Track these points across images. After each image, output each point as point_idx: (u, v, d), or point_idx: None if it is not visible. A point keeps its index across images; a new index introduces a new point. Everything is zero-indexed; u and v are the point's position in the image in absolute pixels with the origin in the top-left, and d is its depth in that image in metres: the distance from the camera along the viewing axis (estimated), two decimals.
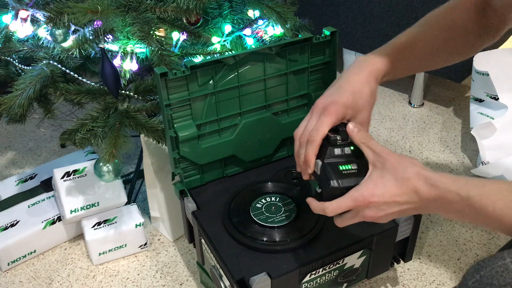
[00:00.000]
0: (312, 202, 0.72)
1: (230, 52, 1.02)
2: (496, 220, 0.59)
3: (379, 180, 0.66)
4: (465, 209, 0.61)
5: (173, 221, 1.17)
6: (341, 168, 0.69)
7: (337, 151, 0.70)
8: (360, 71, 0.77)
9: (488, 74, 1.37)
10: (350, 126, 0.71)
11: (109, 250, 1.14)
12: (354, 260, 0.89)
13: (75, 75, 1.00)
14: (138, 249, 1.17)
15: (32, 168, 1.39)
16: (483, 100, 1.42)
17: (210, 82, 0.92)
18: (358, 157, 0.70)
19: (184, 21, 0.99)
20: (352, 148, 0.71)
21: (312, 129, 0.72)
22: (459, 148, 1.50)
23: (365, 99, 0.76)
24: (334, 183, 0.68)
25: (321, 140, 0.71)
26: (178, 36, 0.97)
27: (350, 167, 0.69)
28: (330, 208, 0.69)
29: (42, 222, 1.14)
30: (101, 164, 0.96)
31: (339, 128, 0.73)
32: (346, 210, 0.69)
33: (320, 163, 0.71)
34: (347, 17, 1.68)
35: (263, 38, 1.07)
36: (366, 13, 1.62)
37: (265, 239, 0.86)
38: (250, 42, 1.04)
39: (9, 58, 1.06)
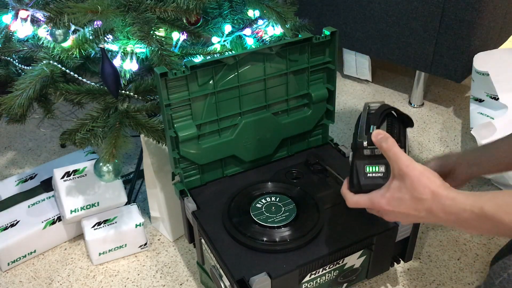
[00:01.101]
0: (344, 185, 0.76)
1: (230, 52, 1.02)
2: None
3: (396, 192, 0.67)
4: (482, 223, 0.61)
5: (173, 221, 1.17)
6: (367, 169, 0.71)
7: (367, 151, 0.72)
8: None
9: (488, 74, 1.37)
10: (375, 133, 0.70)
11: (109, 250, 1.14)
12: (354, 260, 0.89)
13: (75, 75, 1.00)
14: (138, 249, 1.17)
15: (32, 168, 1.39)
16: (483, 100, 1.42)
17: (210, 82, 0.92)
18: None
19: (184, 21, 0.99)
20: None
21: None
22: (459, 148, 1.50)
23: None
24: (355, 184, 0.72)
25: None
26: (178, 36, 0.97)
27: (376, 169, 0.71)
28: (350, 201, 0.73)
29: (42, 222, 1.14)
30: (101, 164, 0.96)
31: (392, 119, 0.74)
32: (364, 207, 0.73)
33: (351, 158, 0.74)
34: (347, 17, 1.68)
35: (263, 38, 1.07)
36: (366, 13, 1.62)
37: (265, 239, 0.86)
38: (250, 42, 1.05)
39: (9, 58, 1.06)
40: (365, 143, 0.71)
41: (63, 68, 0.99)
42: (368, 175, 0.71)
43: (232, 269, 0.81)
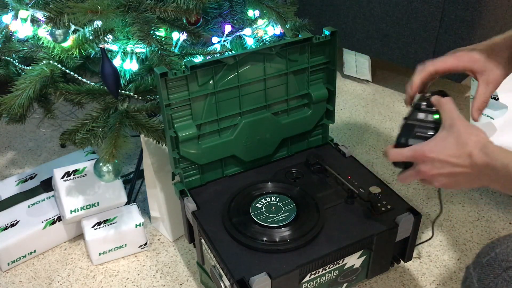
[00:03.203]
0: (389, 146, 0.77)
1: (230, 52, 1.02)
2: None
3: (442, 140, 0.70)
4: (505, 177, 0.63)
5: (173, 221, 1.17)
6: (416, 130, 0.75)
7: (421, 115, 0.75)
8: (506, 36, 0.78)
9: None
10: (435, 96, 0.74)
11: (109, 250, 1.14)
12: (354, 260, 0.89)
13: (75, 75, 1.00)
14: (138, 249, 1.17)
15: (32, 168, 1.39)
16: None
17: (210, 82, 0.92)
18: (438, 125, 0.73)
19: (184, 21, 0.99)
20: (436, 117, 0.74)
21: (431, 62, 0.77)
22: None
23: (500, 61, 0.76)
24: (402, 139, 0.75)
25: (430, 72, 0.77)
26: (178, 36, 0.97)
27: (425, 132, 0.74)
28: (391, 152, 0.75)
29: (42, 222, 1.14)
30: (101, 164, 0.96)
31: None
32: (405, 161, 0.74)
33: (403, 122, 0.77)
34: (347, 17, 1.68)
35: (263, 38, 1.07)
36: (366, 13, 1.62)
37: (265, 239, 0.86)
38: (250, 42, 1.04)
39: (9, 58, 1.06)
40: (423, 105, 0.75)
41: (63, 68, 0.99)
42: (416, 134, 0.74)
43: (232, 269, 0.81)
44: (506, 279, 0.60)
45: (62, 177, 1.13)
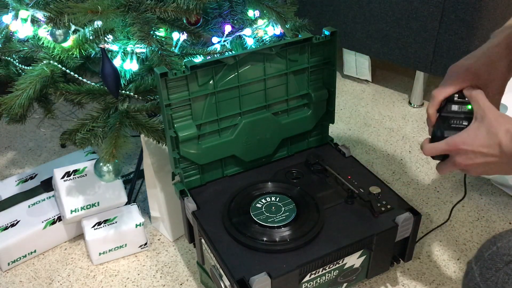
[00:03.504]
0: (425, 140, 0.79)
1: (230, 52, 1.02)
2: None
3: (474, 131, 0.71)
4: None
5: (173, 221, 1.17)
6: (451, 121, 0.76)
7: (454, 107, 0.77)
8: (500, 42, 0.78)
9: None
10: (466, 89, 0.76)
11: (109, 250, 1.14)
12: (354, 260, 0.89)
13: (75, 75, 1.00)
14: (138, 249, 1.17)
15: (32, 168, 1.40)
16: None
17: (210, 82, 0.92)
18: (472, 115, 0.74)
19: (184, 21, 0.99)
20: (469, 107, 0.75)
21: (438, 90, 0.78)
22: None
23: (500, 71, 0.78)
24: (438, 132, 0.77)
25: (442, 98, 0.78)
26: (178, 36, 0.97)
27: (460, 123, 0.76)
28: (427, 147, 0.77)
29: (42, 222, 1.14)
30: (101, 164, 0.96)
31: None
32: (440, 154, 0.76)
33: (437, 114, 0.79)
34: (347, 17, 1.68)
35: (263, 38, 1.07)
36: (366, 13, 1.62)
37: (265, 239, 0.86)
38: (250, 42, 1.05)
39: (9, 58, 1.06)
40: (456, 97, 0.76)
41: (63, 68, 0.99)
42: (452, 126, 0.76)
43: (232, 269, 0.81)
44: (508, 273, 0.60)
45: (62, 177, 1.13)
